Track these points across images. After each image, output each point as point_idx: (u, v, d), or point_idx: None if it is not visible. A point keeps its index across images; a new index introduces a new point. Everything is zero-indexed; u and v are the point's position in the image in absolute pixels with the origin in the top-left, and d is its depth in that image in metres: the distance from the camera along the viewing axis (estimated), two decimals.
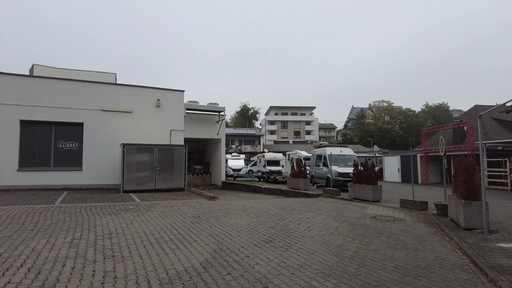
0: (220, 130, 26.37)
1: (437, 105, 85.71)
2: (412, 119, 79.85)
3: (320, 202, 12.95)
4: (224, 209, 10.48)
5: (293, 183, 18.84)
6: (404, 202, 11.30)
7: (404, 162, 29.81)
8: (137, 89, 17.63)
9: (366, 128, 79.40)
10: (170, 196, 13.87)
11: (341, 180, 18.04)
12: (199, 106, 24.56)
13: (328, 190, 15.69)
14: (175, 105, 18.39)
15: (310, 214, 9.66)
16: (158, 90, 18.08)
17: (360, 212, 10.16)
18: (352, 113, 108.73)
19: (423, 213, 9.94)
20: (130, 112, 17.25)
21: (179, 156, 16.08)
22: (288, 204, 12.08)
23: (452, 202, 8.37)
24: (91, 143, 16.34)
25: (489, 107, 36.50)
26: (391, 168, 31.63)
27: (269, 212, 9.95)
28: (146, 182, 15.37)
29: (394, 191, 18.68)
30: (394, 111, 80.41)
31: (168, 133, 18.02)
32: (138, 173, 15.21)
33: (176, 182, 15.97)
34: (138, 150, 15.35)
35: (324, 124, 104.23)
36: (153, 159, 15.54)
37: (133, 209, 10.10)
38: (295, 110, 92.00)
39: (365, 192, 13.24)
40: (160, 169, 15.65)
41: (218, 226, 7.77)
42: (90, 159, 16.23)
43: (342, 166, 19.02)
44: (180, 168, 16.03)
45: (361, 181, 13.71)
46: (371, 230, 7.61)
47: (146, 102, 17.65)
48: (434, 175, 28.00)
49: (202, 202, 12.18)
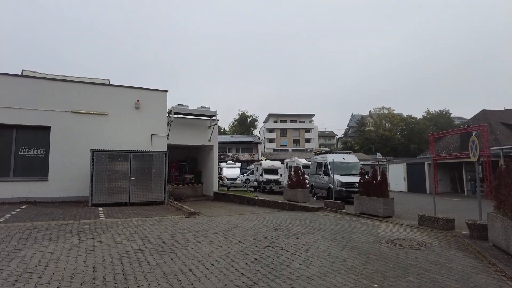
0: (212, 136, 24.37)
1: (439, 112, 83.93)
2: (414, 126, 78.01)
3: (322, 219, 10.86)
4: (201, 231, 8.39)
5: (290, 194, 16.76)
6: (424, 219, 9.22)
7: (411, 170, 27.77)
8: (113, 89, 15.65)
9: (366, 136, 77.52)
10: (144, 212, 11.77)
11: (345, 191, 15.96)
12: (189, 110, 22.59)
13: (330, 203, 13.60)
14: (157, 106, 16.40)
15: (309, 238, 7.57)
16: (137, 90, 16.08)
17: (372, 234, 8.07)
18: (352, 121, 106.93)
19: (452, 235, 7.85)
20: (105, 114, 15.23)
21: (158, 164, 14.01)
22: (283, 222, 9.99)
23: (497, 223, 6.30)
24: (59, 150, 14.30)
25: (497, 112, 34.64)
26: (396, 177, 29.57)
27: (257, 235, 7.86)
28: (119, 194, 13.28)
29: (405, 203, 16.59)
30: (395, 118, 78.60)
31: (149, 138, 15.98)
32: (110, 184, 13.13)
33: (154, 194, 13.87)
34: (110, 157, 13.29)
35: (324, 132, 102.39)
36: (127, 167, 13.47)
37: (87, 231, 8.02)
38: (294, 117, 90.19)
39: (375, 205, 11.17)
40: (136, 179, 13.56)
41: (182, 259, 5.69)
42: (58, 168, 14.16)
43: (346, 175, 16.94)
44: (159, 178, 13.95)
45: (369, 193, 11.64)
46: (391, 263, 5.53)
47: (124, 103, 15.65)
48: (443, 184, 25.91)
49: (178, 220, 10.09)
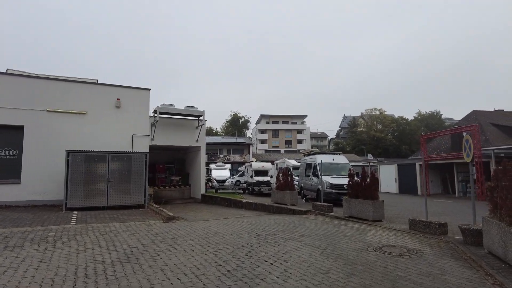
0: (199, 136, 23.66)
1: (430, 113, 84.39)
2: (405, 127, 78.20)
3: (308, 223, 10.30)
4: (176, 237, 7.76)
5: (278, 197, 16.18)
6: (415, 223, 8.73)
7: (402, 171, 27.44)
8: (93, 87, 14.94)
9: (358, 137, 77.48)
10: (121, 216, 11.09)
11: (334, 193, 15.43)
12: (175, 110, 21.83)
13: (319, 206, 13.06)
14: (138, 106, 15.72)
15: (292, 245, 7.00)
16: (118, 88, 15.39)
17: (360, 240, 7.53)
18: (344, 122, 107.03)
19: (444, 241, 7.35)
20: (84, 113, 14.51)
21: (138, 165, 13.34)
22: (267, 227, 9.40)
23: (493, 229, 5.81)
24: (33, 151, 13.54)
25: (487, 113, 34.60)
26: (387, 178, 29.20)
27: (236, 242, 7.26)
28: (96, 198, 12.56)
29: (395, 205, 16.14)
30: (387, 119, 78.75)
31: (130, 138, 15.29)
32: (86, 187, 12.41)
33: (134, 197, 13.19)
34: (87, 158, 12.57)
35: (316, 133, 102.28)
36: (105, 169, 12.77)
37: (50, 238, 7.33)
38: (287, 118, 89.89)
39: (364, 208, 10.65)
40: (114, 181, 12.87)
41: (146, 271, 5.07)
42: (32, 170, 13.40)
43: (335, 177, 16.42)
44: (139, 180, 13.27)
45: (358, 195, 11.12)
46: (379, 275, 4.99)
47: (104, 102, 14.94)
48: (434, 185, 25.61)
49: (155, 225, 9.44)
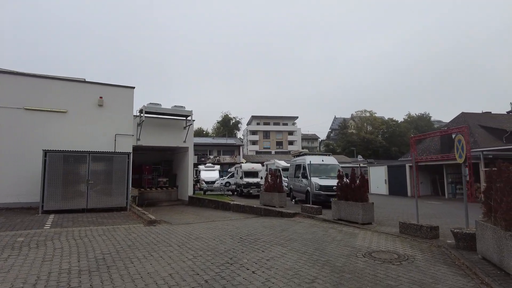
0: (187, 137, 23.20)
1: (419, 115, 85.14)
2: (395, 129, 78.65)
3: (296, 226, 9.93)
4: (154, 243, 7.29)
5: (266, 199, 15.79)
6: (405, 227, 8.42)
7: (392, 172, 27.33)
8: (74, 84, 14.33)
9: (348, 138, 77.71)
10: (100, 219, 10.55)
11: (323, 195, 15.10)
12: (162, 109, 21.35)
13: (307, 208, 12.71)
14: (122, 104, 15.16)
15: (277, 250, 6.60)
16: (100, 86, 14.82)
17: (349, 245, 7.17)
18: (334, 123, 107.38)
19: (436, 245, 7.04)
20: (64, 111, 13.90)
21: (120, 166, 12.79)
22: (253, 230, 9.00)
23: (488, 233, 5.50)
24: (9, 151, 12.88)
25: (475, 115, 34.81)
26: (377, 179, 29.10)
27: (218, 248, 6.83)
28: (76, 200, 11.99)
29: (385, 207, 15.89)
30: (377, 121, 79.16)
31: (113, 138, 14.72)
32: (65, 188, 11.82)
33: (115, 199, 12.63)
34: (66, 158, 12.00)
35: (307, 134, 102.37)
36: (85, 170, 12.20)
37: (17, 245, 6.79)
38: (278, 119, 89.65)
39: (353, 211, 10.33)
40: (95, 183, 12.31)
41: (116, 282, 4.61)
42: (7, 171, 12.75)
43: (324, 178, 16.10)
44: (121, 182, 12.72)
45: (347, 197, 10.79)
46: (368, 284, 4.62)
47: (86, 100, 14.35)
48: (424, 186, 25.55)
49: (134, 230, 8.95)
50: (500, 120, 31.42)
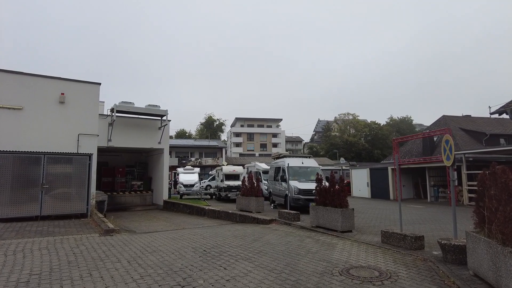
0: (162, 138, 22.07)
1: (402, 119, 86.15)
2: (377, 132, 79.10)
3: (270, 234, 9.06)
4: (101, 258, 6.27)
5: (243, 204, 14.89)
6: (388, 236, 7.67)
7: (374, 175, 26.89)
8: (31, 79, 13.03)
9: (332, 141, 77.65)
10: (51, 228, 9.39)
11: (302, 199, 14.32)
12: (134, 109, 20.20)
13: (285, 214, 11.87)
14: (86, 102, 13.94)
15: (242, 267, 5.70)
16: (62, 81, 13.54)
17: (324, 258, 6.33)
18: (318, 126, 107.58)
19: (422, 258, 6.29)
20: (20, 108, 12.61)
21: (80, 169, 11.63)
22: (221, 241, 8.07)
23: (481, 247, 4.77)
24: None
25: (456, 118, 34.92)
26: (359, 182, 28.61)
27: (173, 264, 5.87)
28: (28, 206, 10.75)
29: (367, 211, 15.24)
30: (360, 124, 79.49)
31: (75, 138, 13.50)
32: (14, 193, 10.58)
33: (74, 205, 11.46)
34: (16, 159, 10.76)
35: (291, 137, 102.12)
36: (39, 173, 10.99)
37: None
38: (262, 122, 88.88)
39: (332, 218, 9.54)
40: (51, 187, 11.11)
41: None
42: None
43: (304, 181, 15.31)
44: (81, 186, 11.56)
45: (326, 202, 10.01)
46: None
47: (45, 96, 13.09)
48: (406, 190, 25.17)
49: (85, 241, 7.87)
50: (479, 123, 31.56)
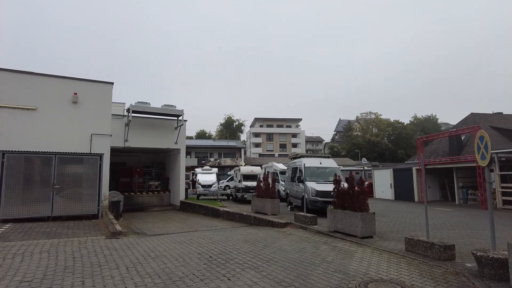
0: (179, 138, 21.87)
1: (426, 117, 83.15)
2: (401, 131, 76.61)
3: (283, 240, 8.48)
4: (100, 264, 5.89)
5: (258, 205, 14.37)
6: (412, 244, 6.92)
7: (398, 176, 25.69)
8: (45, 79, 13.03)
9: (353, 141, 75.82)
10: (60, 230, 9.20)
11: (320, 201, 13.61)
12: (150, 109, 20.08)
13: (301, 217, 11.24)
14: (99, 101, 13.84)
15: (248, 277, 5.16)
16: (75, 81, 13.51)
17: (340, 269, 5.70)
18: (339, 126, 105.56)
19: (453, 271, 5.54)
20: (34, 109, 12.63)
21: (91, 169, 11.44)
22: (230, 246, 7.57)
23: None
24: None
25: (486, 115, 32.99)
26: (382, 183, 27.45)
27: (174, 273, 5.41)
28: (39, 207, 10.64)
29: (390, 214, 14.35)
30: (382, 123, 77.27)
31: (88, 138, 13.40)
32: (26, 194, 10.49)
33: (85, 206, 11.28)
34: (28, 160, 10.68)
35: (311, 137, 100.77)
36: (50, 173, 10.87)
37: None
38: (281, 122, 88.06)
39: (351, 222, 8.85)
40: (61, 187, 10.97)
41: None
42: None
43: (322, 182, 14.60)
44: (92, 186, 11.36)
45: (344, 205, 9.33)
46: None
47: (58, 96, 13.07)
48: (432, 191, 23.88)
49: (90, 244, 7.56)
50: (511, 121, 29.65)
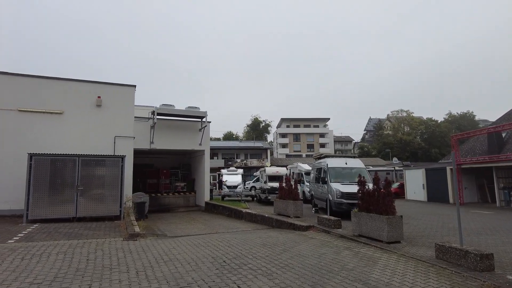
0: (203, 139, 21.93)
1: (462, 114, 78.91)
2: (435, 129, 73.18)
3: (303, 244, 8.08)
4: (111, 267, 5.80)
5: (280, 207, 13.99)
6: (443, 251, 6.31)
7: (431, 176, 24.35)
8: (70, 84, 13.42)
9: (384, 140, 73.37)
10: (81, 231, 9.32)
11: (345, 203, 13.03)
12: (175, 111, 20.30)
13: (324, 220, 10.76)
14: (122, 104, 14.06)
15: (259, 285, 4.84)
16: (98, 84, 13.82)
17: (361, 278, 5.25)
18: (369, 125, 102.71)
19: (491, 285, 4.93)
20: (60, 113, 13.03)
21: (113, 171, 11.58)
22: (246, 251, 7.28)
23: None
24: (2, 155, 12.14)
25: None
26: (414, 184, 26.16)
27: (182, 278, 5.19)
28: (64, 208, 10.90)
29: (421, 217, 13.49)
30: (415, 121, 74.23)
31: (112, 140, 13.63)
32: (52, 196, 10.79)
33: (108, 207, 11.42)
34: (53, 162, 10.98)
35: (339, 136, 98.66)
36: (74, 175, 11.11)
37: None
38: (308, 122, 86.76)
39: (376, 226, 8.30)
40: (85, 189, 11.18)
41: None
42: (0, 176, 11.99)
43: (348, 184, 13.98)
44: (114, 187, 11.50)
45: (369, 208, 8.78)
46: None
47: (83, 100, 13.41)
48: (469, 192, 22.39)
49: (106, 246, 7.54)
50: None
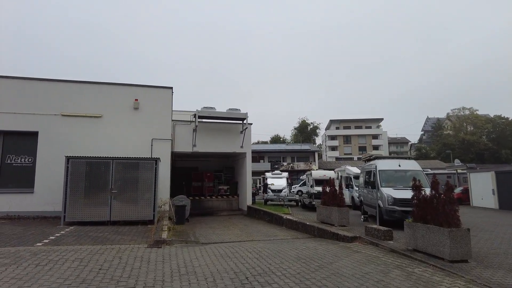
0: (244, 142, 21.33)
1: None
2: (504, 128, 65.67)
3: (345, 260, 6.91)
4: (122, 279, 5.20)
5: (324, 214, 12.79)
6: None
7: (503, 180, 21.27)
8: (108, 87, 13.57)
9: (444, 141, 67.60)
10: (111, 236, 9.05)
11: (398, 211, 11.46)
12: (215, 113, 19.96)
13: (372, 230, 9.41)
14: (159, 106, 13.91)
15: None
16: (135, 87, 13.81)
17: None
18: (427, 125, 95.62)
19: None
20: (99, 116, 13.19)
21: (146, 174, 11.30)
22: (276, 265, 6.34)
23: None
24: (47, 158, 12.55)
25: None
26: (481, 189, 23.11)
27: None
28: (98, 211, 10.82)
29: (493, 230, 11.42)
30: (479, 119, 67.33)
31: (149, 143, 13.50)
32: (87, 198, 10.77)
33: (141, 211, 11.15)
34: (89, 165, 10.97)
35: (394, 138, 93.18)
36: (108, 178, 11.01)
37: None
38: (359, 123, 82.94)
39: (435, 239, 6.86)
40: (119, 192, 11.02)
41: None
42: (45, 179, 12.39)
43: (401, 188, 12.34)
44: (147, 191, 11.21)
45: (426, 218, 7.35)
46: None
47: (120, 103, 13.48)
48: None
49: (127, 253, 7.05)
50: None
